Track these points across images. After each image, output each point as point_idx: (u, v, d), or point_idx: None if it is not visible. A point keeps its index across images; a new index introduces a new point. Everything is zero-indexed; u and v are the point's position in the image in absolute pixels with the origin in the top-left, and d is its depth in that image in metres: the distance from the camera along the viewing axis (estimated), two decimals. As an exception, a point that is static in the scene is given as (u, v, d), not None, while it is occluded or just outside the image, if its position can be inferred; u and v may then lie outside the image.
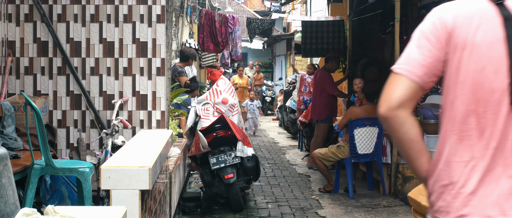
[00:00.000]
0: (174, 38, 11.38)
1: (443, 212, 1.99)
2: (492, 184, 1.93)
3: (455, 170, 1.97)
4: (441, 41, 1.99)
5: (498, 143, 1.94)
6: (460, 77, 1.97)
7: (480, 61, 1.94)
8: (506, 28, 1.93)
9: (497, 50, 1.93)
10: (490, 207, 1.92)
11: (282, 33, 27.08)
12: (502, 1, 1.97)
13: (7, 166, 2.77)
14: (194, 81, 9.21)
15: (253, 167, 6.92)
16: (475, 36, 1.95)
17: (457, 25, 1.97)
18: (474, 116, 1.95)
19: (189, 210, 7.06)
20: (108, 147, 5.31)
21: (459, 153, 1.98)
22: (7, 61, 5.99)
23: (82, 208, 2.95)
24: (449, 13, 2.00)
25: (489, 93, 1.94)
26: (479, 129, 1.95)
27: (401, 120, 2.00)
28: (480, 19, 1.96)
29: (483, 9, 1.98)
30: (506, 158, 1.93)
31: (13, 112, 5.36)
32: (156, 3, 6.16)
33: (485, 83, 1.94)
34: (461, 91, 1.97)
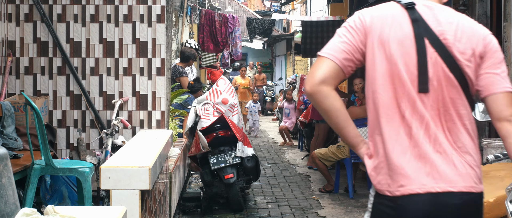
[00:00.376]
0: (174, 38, 11.38)
1: (384, 184, 2.29)
2: (422, 158, 2.25)
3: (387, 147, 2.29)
4: (359, 35, 2.33)
5: (419, 123, 2.27)
6: (379, 68, 2.31)
7: (394, 55, 2.29)
8: (414, 28, 2.31)
9: (407, 46, 2.29)
10: (424, 177, 2.23)
11: (282, 33, 27.09)
12: (413, 6, 2.35)
13: (7, 166, 2.77)
14: (198, 82, 9.22)
15: (253, 167, 6.92)
16: (389, 34, 2.31)
17: (373, 24, 2.33)
18: (395, 101, 2.30)
19: (189, 210, 7.06)
20: (108, 147, 5.31)
21: (388, 133, 2.30)
22: (7, 61, 5.99)
23: (82, 208, 2.95)
24: (368, 14, 2.37)
25: (403, 83, 2.28)
26: (400, 113, 2.29)
27: (325, 93, 2.28)
28: (393, 20, 2.33)
29: (395, 12, 2.35)
30: (429, 134, 2.26)
31: (13, 112, 5.36)
32: (156, 3, 6.16)
33: (399, 74, 2.28)
34: (382, 81, 2.31)
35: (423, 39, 2.30)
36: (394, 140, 2.29)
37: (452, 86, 2.31)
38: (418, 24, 2.32)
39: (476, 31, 2.37)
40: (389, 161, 2.29)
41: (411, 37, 2.30)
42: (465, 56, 2.31)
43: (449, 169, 2.26)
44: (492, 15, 7.22)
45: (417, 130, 2.28)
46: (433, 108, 2.29)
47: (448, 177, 2.25)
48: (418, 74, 2.29)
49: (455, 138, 2.31)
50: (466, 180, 2.26)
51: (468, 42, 2.32)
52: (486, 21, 7.22)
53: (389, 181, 2.28)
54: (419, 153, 2.27)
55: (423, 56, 2.29)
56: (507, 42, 6.42)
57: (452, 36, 2.32)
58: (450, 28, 2.34)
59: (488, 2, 7.22)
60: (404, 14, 2.34)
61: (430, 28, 2.33)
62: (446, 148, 2.28)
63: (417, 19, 2.33)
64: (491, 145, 6.15)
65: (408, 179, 2.25)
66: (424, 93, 2.29)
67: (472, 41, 2.33)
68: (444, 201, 2.23)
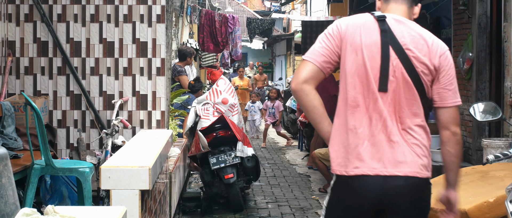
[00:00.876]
0: (174, 38, 11.38)
1: (342, 165, 2.71)
2: (377, 146, 2.67)
3: (349, 135, 2.70)
4: (336, 40, 2.74)
5: (378, 117, 2.68)
6: (350, 69, 2.72)
7: (363, 58, 2.70)
8: (382, 37, 2.72)
9: (374, 51, 2.70)
10: (376, 162, 2.66)
11: (282, 33, 27.09)
12: (384, 18, 2.77)
13: (7, 166, 2.77)
14: (198, 81, 9.20)
15: (253, 167, 6.92)
16: (360, 40, 2.71)
17: (348, 31, 2.74)
18: (361, 97, 2.70)
19: (189, 210, 7.06)
20: (108, 147, 5.31)
21: (352, 123, 2.70)
22: (7, 61, 5.99)
23: (82, 208, 2.95)
24: (344, 22, 2.79)
25: (368, 82, 2.69)
26: (364, 106, 2.70)
27: (306, 91, 2.72)
28: (364, 29, 2.74)
29: (367, 22, 2.77)
30: (385, 127, 2.69)
31: (13, 112, 5.36)
32: (156, 3, 6.16)
33: (365, 74, 2.69)
34: (351, 79, 2.71)
35: (388, 47, 2.71)
36: (356, 129, 2.70)
37: (409, 89, 2.72)
38: (385, 34, 2.73)
39: (436, 46, 2.78)
40: (349, 146, 2.70)
41: (378, 44, 2.71)
42: (423, 65, 2.72)
43: (398, 157, 2.68)
44: (492, 15, 7.22)
45: (376, 123, 2.69)
46: (390, 105, 2.71)
47: (396, 163, 2.67)
48: (380, 76, 2.70)
49: (406, 132, 2.74)
50: (412, 166, 2.69)
51: (427, 54, 2.73)
52: (486, 21, 7.22)
53: (347, 163, 2.70)
54: (374, 142, 2.68)
55: (386, 61, 2.70)
56: (507, 42, 6.42)
57: (414, 47, 2.73)
58: (413, 40, 2.74)
59: (488, 2, 7.22)
60: (375, 25, 2.76)
61: (396, 38, 2.73)
62: (398, 139, 2.70)
63: (386, 29, 2.74)
64: (491, 145, 6.15)
65: (362, 162, 2.67)
66: (383, 92, 2.70)
67: (431, 54, 2.74)
68: (390, 183, 2.65)
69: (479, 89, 7.26)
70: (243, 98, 16.18)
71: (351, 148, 2.69)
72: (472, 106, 4.24)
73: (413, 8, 2.95)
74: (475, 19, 7.29)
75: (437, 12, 8.80)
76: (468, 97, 7.66)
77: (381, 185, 2.65)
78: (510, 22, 6.39)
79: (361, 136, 2.69)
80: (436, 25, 8.76)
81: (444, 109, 2.83)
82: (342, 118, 2.74)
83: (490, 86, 7.25)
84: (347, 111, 2.73)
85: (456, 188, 2.96)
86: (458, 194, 2.96)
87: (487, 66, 7.24)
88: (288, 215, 6.92)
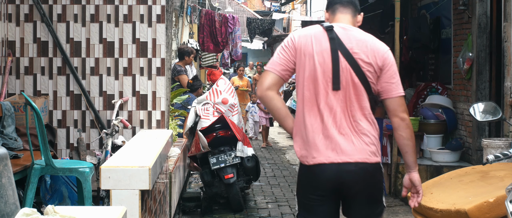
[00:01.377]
0: (174, 38, 11.38)
1: (304, 157, 3.20)
2: (330, 138, 3.15)
3: (307, 130, 3.18)
4: (291, 51, 3.23)
5: (329, 113, 3.16)
6: (305, 74, 3.19)
7: (315, 64, 3.17)
8: (331, 44, 3.18)
9: (325, 57, 3.17)
10: (330, 151, 3.15)
11: (282, 33, 27.08)
12: (331, 28, 3.22)
13: (7, 166, 2.76)
14: (197, 80, 9.18)
15: (253, 167, 6.92)
16: (312, 48, 3.19)
17: (301, 42, 3.21)
18: (314, 97, 3.18)
19: (189, 210, 7.06)
20: (108, 147, 5.31)
21: (308, 120, 3.19)
22: (7, 61, 5.99)
23: (82, 208, 2.95)
24: (297, 35, 3.27)
25: (321, 83, 3.17)
26: (317, 105, 3.18)
27: (270, 97, 3.22)
28: (315, 38, 3.21)
29: (317, 32, 3.23)
30: (335, 122, 3.16)
31: (13, 112, 5.36)
32: (156, 3, 6.16)
33: (318, 77, 3.17)
34: (306, 83, 3.19)
35: (337, 52, 3.17)
36: (312, 125, 3.18)
37: (357, 87, 3.17)
38: (334, 41, 3.19)
39: (378, 48, 3.23)
40: (308, 140, 3.19)
41: (328, 50, 3.18)
42: (368, 66, 3.18)
43: (348, 146, 3.14)
44: (492, 15, 7.22)
45: (328, 118, 3.16)
46: (341, 101, 3.17)
47: (347, 151, 3.14)
48: (332, 77, 3.16)
49: (356, 124, 3.18)
50: (361, 153, 3.15)
51: (371, 56, 3.19)
52: (486, 21, 7.22)
53: (307, 154, 3.19)
54: (327, 134, 3.16)
55: (336, 64, 3.17)
56: (507, 42, 6.42)
57: (359, 50, 3.18)
58: (358, 45, 3.20)
59: (488, 2, 7.22)
60: (324, 34, 3.22)
61: (343, 44, 3.19)
62: (348, 131, 3.16)
63: (334, 37, 3.20)
64: (491, 145, 6.15)
65: (319, 153, 3.16)
66: (336, 90, 3.17)
67: (374, 55, 3.19)
68: (343, 168, 3.13)
69: (479, 89, 7.26)
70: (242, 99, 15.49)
71: (309, 141, 3.19)
72: (472, 106, 4.24)
73: (357, 17, 3.43)
74: (475, 19, 7.29)
75: (437, 12, 8.79)
76: (468, 97, 7.66)
77: (336, 170, 3.14)
78: (510, 22, 6.39)
79: (316, 131, 3.17)
80: (436, 25, 8.76)
81: (390, 99, 3.25)
82: (300, 116, 3.23)
83: (490, 86, 7.25)
84: (304, 110, 3.22)
85: (416, 169, 3.32)
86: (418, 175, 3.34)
87: (487, 66, 7.24)
88: (288, 215, 6.92)
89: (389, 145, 7.75)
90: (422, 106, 8.35)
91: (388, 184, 7.72)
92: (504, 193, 3.67)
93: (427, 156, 7.99)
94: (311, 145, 3.18)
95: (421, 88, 8.65)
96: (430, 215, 4.35)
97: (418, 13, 9.64)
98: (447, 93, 8.40)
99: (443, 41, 8.65)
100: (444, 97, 8.28)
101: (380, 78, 3.23)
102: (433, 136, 8.05)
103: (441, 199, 4.33)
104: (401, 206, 7.15)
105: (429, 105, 8.24)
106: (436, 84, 8.56)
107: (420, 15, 9.43)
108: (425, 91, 8.57)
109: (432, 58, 9.19)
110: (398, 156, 7.60)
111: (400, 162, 7.62)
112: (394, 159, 7.57)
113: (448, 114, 8.00)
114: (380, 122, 7.74)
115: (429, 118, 8.16)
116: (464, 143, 7.73)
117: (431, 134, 8.05)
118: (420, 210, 4.48)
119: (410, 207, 3.83)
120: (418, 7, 9.74)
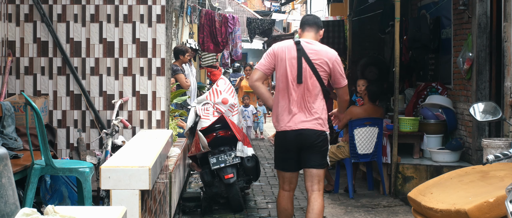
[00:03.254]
0: (174, 38, 11.38)
1: (277, 126, 5.11)
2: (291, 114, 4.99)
3: (279, 109, 5.05)
4: (271, 57, 5.06)
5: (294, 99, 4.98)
6: (280, 72, 5.02)
7: (286, 67, 4.98)
8: (297, 53, 4.97)
9: (293, 62, 4.97)
10: (291, 122, 4.99)
11: (282, 33, 27.07)
12: (299, 42, 5.01)
13: (7, 166, 2.77)
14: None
15: (253, 167, 6.91)
16: (285, 56, 4.99)
17: (278, 52, 5.03)
18: (286, 89, 4.99)
19: (189, 210, 7.06)
20: (108, 147, 5.31)
21: (280, 102, 5.04)
22: (7, 61, 5.99)
23: (82, 208, 2.95)
24: (276, 46, 5.09)
25: (289, 79, 4.97)
26: (287, 93, 5.00)
27: (257, 85, 5.09)
28: (287, 49, 5.01)
29: (289, 45, 5.03)
30: (296, 104, 4.97)
31: (13, 112, 5.36)
32: (156, 3, 6.16)
33: (288, 75, 4.98)
34: (280, 78, 5.01)
35: (301, 59, 4.99)
36: (282, 106, 5.05)
37: (313, 81, 4.99)
38: (299, 51, 5.01)
39: (329, 56, 5.04)
40: (279, 115, 5.09)
41: (296, 57, 5.01)
42: (322, 68, 5.01)
43: (303, 119, 5.00)
44: (492, 15, 7.22)
45: (292, 101, 5.00)
46: (301, 91, 4.99)
47: (301, 123, 5.00)
48: (297, 75, 4.98)
49: (309, 105, 5.00)
50: (311, 124, 5.01)
51: (323, 61, 5.01)
52: (486, 21, 7.22)
53: (278, 124, 5.12)
54: (291, 112, 5.01)
55: (300, 67, 4.99)
56: (507, 42, 6.42)
57: (316, 58, 5.00)
58: (316, 54, 5.01)
59: (488, 2, 7.22)
60: (293, 46, 5.03)
61: (306, 53, 4.99)
62: (304, 110, 5.00)
63: (300, 49, 5.01)
64: (491, 145, 6.15)
65: (284, 123, 5.05)
66: (299, 84, 4.99)
67: (326, 62, 5.02)
68: (299, 132, 5.01)
69: (479, 89, 7.26)
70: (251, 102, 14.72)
71: (280, 116, 5.10)
72: (472, 106, 4.24)
73: (319, 32, 5.23)
74: (475, 19, 7.29)
75: (437, 12, 8.79)
76: (468, 97, 7.66)
77: (294, 134, 5.04)
78: (510, 22, 6.39)
79: (284, 109, 5.06)
80: (436, 25, 8.76)
81: (339, 88, 5.21)
82: (276, 99, 5.13)
83: (490, 86, 7.25)
84: (278, 96, 5.09)
85: (343, 112, 5.74)
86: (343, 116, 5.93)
87: (487, 66, 7.24)
88: (288, 215, 6.92)
89: (389, 145, 7.75)
90: (422, 106, 8.35)
91: (388, 184, 7.72)
92: (504, 193, 3.67)
93: (427, 156, 8.00)
94: (280, 119, 5.10)
95: (421, 88, 8.65)
96: (430, 215, 4.35)
97: (418, 13, 9.64)
98: (447, 93, 8.40)
99: (443, 41, 8.65)
100: (444, 97, 8.28)
101: (332, 75, 5.09)
102: (433, 136, 8.05)
103: (441, 199, 4.33)
104: (401, 206, 7.15)
105: (429, 105, 8.24)
106: (436, 84, 8.56)
107: (420, 15, 9.43)
108: (425, 91, 8.57)
109: (432, 58, 9.19)
110: (398, 156, 7.60)
111: (400, 162, 7.62)
112: (394, 159, 7.57)
113: (448, 114, 8.00)
114: (380, 122, 7.76)
115: (429, 118, 8.16)
116: (464, 143, 7.73)
117: (431, 134, 8.05)
118: (420, 210, 4.48)
119: (410, 207, 3.84)
120: (418, 7, 9.74)
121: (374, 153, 7.67)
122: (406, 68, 9.59)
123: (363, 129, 7.60)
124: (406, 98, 9.27)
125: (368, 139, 7.60)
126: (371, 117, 7.66)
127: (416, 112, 8.58)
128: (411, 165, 7.64)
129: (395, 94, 7.83)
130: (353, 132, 7.57)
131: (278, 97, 5.04)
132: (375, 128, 7.62)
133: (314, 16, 5.40)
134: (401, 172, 7.61)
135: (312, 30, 5.15)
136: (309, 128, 4.96)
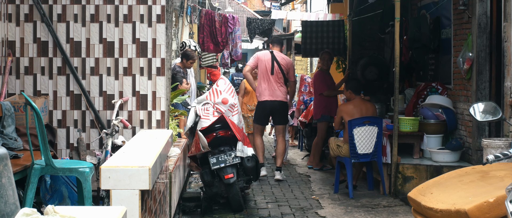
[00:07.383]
0: (174, 38, 11.37)
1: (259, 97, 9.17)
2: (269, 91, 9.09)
3: (261, 88, 9.12)
4: (256, 60, 9.22)
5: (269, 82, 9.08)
6: (260, 69, 9.14)
7: (265, 65, 9.11)
8: (272, 58, 9.13)
9: (268, 63, 9.11)
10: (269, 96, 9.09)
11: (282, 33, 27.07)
12: (272, 52, 9.21)
13: (7, 166, 2.77)
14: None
15: (253, 167, 6.91)
16: (264, 59, 9.14)
17: (259, 57, 9.20)
18: (265, 77, 9.09)
19: (189, 210, 7.06)
20: (108, 147, 5.31)
21: (262, 85, 9.11)
22: (7, 61, 5.99)
23: (82, 208, 2.95)
24: (260, 54, 9.28)
25: (267, 72, 9.08)
26: (266, 79, 9.09)
27: (247, 75, 9.25)
28: (265, 56, 9.19)
29: (267, 53, 9.25)
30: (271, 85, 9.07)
31: (13, 112, 5.36)
32: (156, 3, 6.16)
33: (265, 70, 9.09)
34: (261, 72, 9.14)
35: (274, 61, 9.04)
36: (264, 87, 9.04)
37: (280, 74, 9.04)
38: (273, 56, 9.07)
39: (287, 61, 9.23)
40: (261, 91, 9.06)
41: (270, 60, 9.05)
42: (285, 67, 9.07)
43: (276, 94, 9.01)
44: (492, 15, 7.22)
45: (269, 84, 9.01)
46: (274, 79, 9.01)
47: (275, 96, 9.01)
48: (270, 69, 9.00)
49: (278, 86, 9.02)
50: (281, 97, 9.04)
51: (285, 63, 9.12)
52: (486, 21, 7.22)
53: (260, 97, 9.09)
54: (269, 89, 9.01)
55: (273, 66, 9.01)
56: (507, 42, 6.42)
57: (281, 61, 9.10)
58: (281, 59, 9.13)
59: (488, 2, 7.22)
60: (269, 54, 9.12)
61: (276, 58, 9.06)
62: (276, 89, 9.01)
63: (273, 56, 9.08)
64: (491, 145, 6.15)
65: (265, 96, 9.04)
66: (272, 75, 8.99)
67: (286, 64, 9.14)
68: (273, 102, 9.04)
69: (479, 89, 7.26)
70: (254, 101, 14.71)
71: (262, 92, 9.03)
72: (472, 106, 4.24)
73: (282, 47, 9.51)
74: (475, 19, 7.29)
75: (437, 12, 8.80)
76: (468, 97, 7.66)
77: (270, 103, 9.01)
78: (510, 22, 6.39)
79: (265, 88, 9.00)
80: (436, 25, 8.76)
81: (290, 81, 9.28)
82: (259, 83, 9.06)
83: (490, 86, 7.25)
84: (261, 81, 9.01)
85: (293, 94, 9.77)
86: None
87: (487, 66, 7.24)
88: (288, 215, 6.92)
89: (389, 145, 7.76)
90: (422, 106, 8.35)
91: (388, 184, 7.72)
92: (504, 193, 3.67)
93: (427, 156, 8.00)
94: (262, 93, 8.99)
95: (421, 88, 8.65)
96: (430, 215, 4.35)
97: (418, 13, 9.64)
98: (447, 93, 8.40)
99: (443, 41, 8.65)
100: (444, 97, 8.28)
101: (288, 73, 9.10)
102: (433, 136, 8.05)
103: (441, 199, 4.33)
104: (401, 206, 7.15)
105: (429, 105, 8.23)
106: (436, 84, 8.56)
107: (420, 15, 9.43)
108: (425, 91, 8.57)
109: (432, 58, 9.19)
110: (398, 156, 7.60)
111: (400, 162, 7.63)
112: (394, 159, 7.57)
113: (448, 114, 8.00)
114: (379, 122, 7.77)
115: (429, 118, 8.16)
116: (464, 143, 7.73)
117: (431, 134, 8.05)
118: (420, 210, 4.48)
119: (410, 207, 3.83)
120: (418, 7, 9.74)
121: (374, 153, 7.67)
122: (406, 68, 9.59)
123: (363, 128, 7.60)
124: (406, 98, 9.27)
125: (368, 138, 7.60)
126: (371, 117, 7.66)
127: (416, 112, 8.58)
128: (411, 165, 7.65)
129: (395, 94, 7.83)
130: (353, 131, 7.57)
131: (260, 81, 9.04)
132: (374, 128, 7.62)
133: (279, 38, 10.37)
134: (401, 172, 7.61)
135: (278, 46, 9.34)
136: (278, 100, 8.99)
